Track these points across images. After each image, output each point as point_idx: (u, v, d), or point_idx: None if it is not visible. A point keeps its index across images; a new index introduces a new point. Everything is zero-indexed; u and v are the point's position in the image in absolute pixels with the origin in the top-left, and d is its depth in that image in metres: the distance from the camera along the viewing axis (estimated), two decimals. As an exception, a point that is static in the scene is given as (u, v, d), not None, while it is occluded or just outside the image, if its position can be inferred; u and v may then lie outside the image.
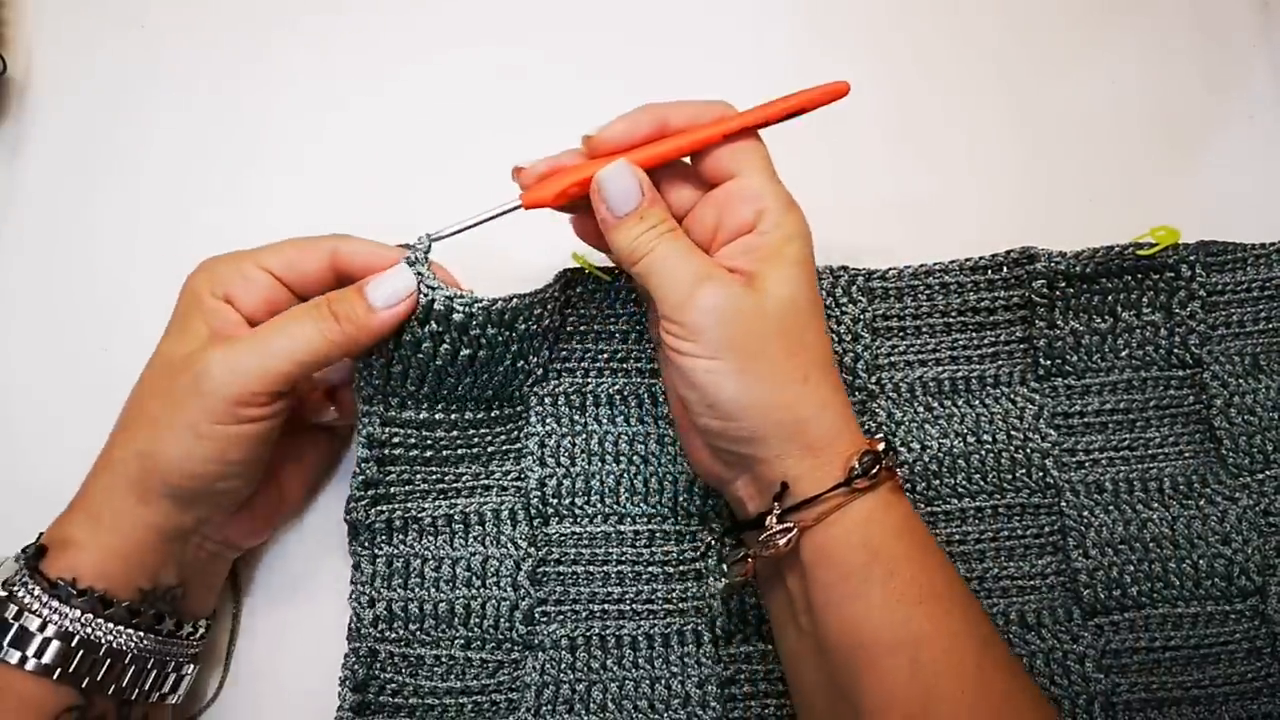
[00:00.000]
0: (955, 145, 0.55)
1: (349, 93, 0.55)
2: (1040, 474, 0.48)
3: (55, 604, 0.40)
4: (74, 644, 0.40)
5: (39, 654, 0.39)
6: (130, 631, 0.41)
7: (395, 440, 0.46)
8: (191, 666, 0.44)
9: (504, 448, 0.49)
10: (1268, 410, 0.48)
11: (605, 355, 0.50)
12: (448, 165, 0.54)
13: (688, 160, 0.44)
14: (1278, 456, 0.48)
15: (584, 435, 0.48)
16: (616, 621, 0.47)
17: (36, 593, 0.40)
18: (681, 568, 0.48)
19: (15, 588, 0.40)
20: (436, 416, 0.47)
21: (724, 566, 0.42)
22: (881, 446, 0.40)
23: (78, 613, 0.40)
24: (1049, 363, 0.49)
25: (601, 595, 0.48)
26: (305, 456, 0.49)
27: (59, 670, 0.39)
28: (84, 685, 0.40)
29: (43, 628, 0.39)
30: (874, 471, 0.39)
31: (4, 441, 0.50)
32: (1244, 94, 0.55)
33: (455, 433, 0.48)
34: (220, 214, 0.53)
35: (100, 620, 0.40)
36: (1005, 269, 0.49)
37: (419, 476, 0.47)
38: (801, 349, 0.41)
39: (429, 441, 0.47)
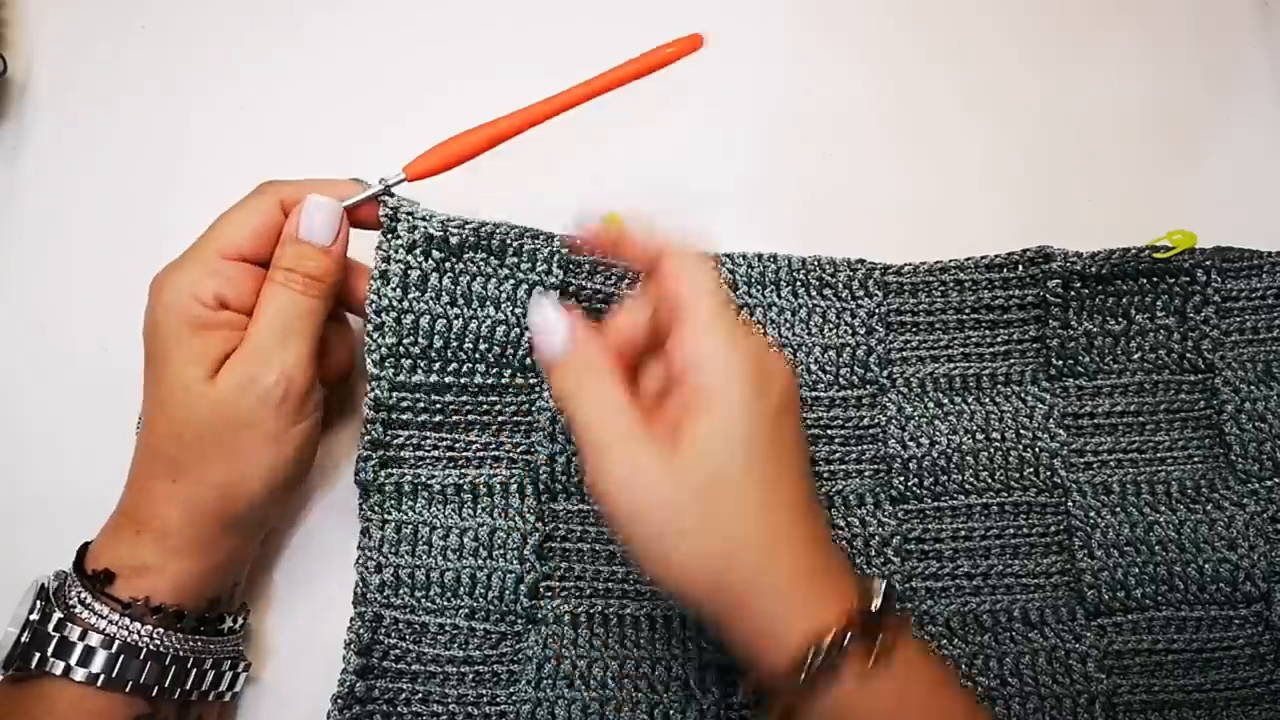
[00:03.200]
0: (954, 145, 0.55)
1: (350, 92, 0.55)
2: (1048, 473, 0.48)
3: (126, 621, 0.40)
4: (142, 656, 0.40)
5: (108, 669, 0.39)
6: (196, 638, 0.42)
7: (404, 404, 0.47)
8: (243, 664, 0.45)
9: (514, 418, 0.49)
10: (1278, 418, 0.48)
11: None
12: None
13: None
14: (1288, 465, 0.48)
15: (595, 414, 0.49)
16: (619, 601, 0.47)
17: (105, 612, 0.40)
18: (686, 552, 0.48)
19: (76, 608, 0.40)
20: (447, 380, 0.47)
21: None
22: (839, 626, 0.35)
23: (149, 629, 0.40)
24: (1061, 363, 0.49)
25: (606, 574, 0.48)
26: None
27: (130, 683, 0.40)
28: (152, 693, 0.40)
29: (109, 644, 0.40)
30: (813, 669, 0.34)
31: (3, 441, 0.50)
32: (1244, 94, 0.55)
33: (465, 397, 0.48)
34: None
35: (170, 633, 0.41)
36: (1020, 268, 0.50)
37: (429, 442, 0.48)
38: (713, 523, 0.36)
39: (438, 405, 0.48)
